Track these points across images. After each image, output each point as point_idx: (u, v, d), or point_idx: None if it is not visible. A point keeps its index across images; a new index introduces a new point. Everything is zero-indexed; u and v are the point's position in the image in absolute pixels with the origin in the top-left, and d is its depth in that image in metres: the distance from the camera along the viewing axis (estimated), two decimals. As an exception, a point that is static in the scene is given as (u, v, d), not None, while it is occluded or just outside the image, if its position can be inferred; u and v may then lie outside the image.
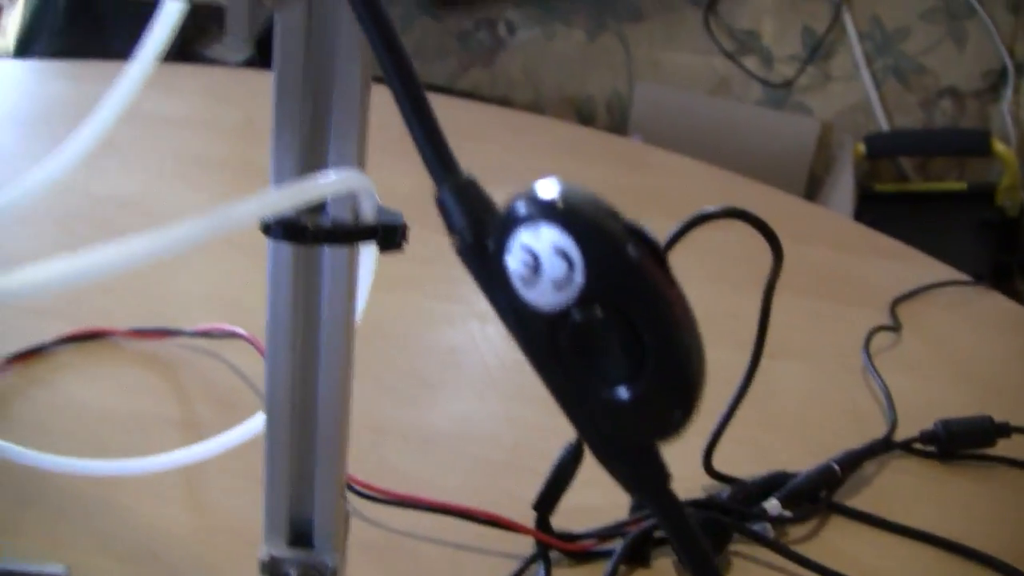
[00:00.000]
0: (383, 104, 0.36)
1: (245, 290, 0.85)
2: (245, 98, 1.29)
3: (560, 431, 0.66)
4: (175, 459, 0.55)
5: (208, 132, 1.15)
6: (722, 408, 0.65)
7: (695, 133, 1.45)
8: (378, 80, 0.33)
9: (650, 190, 1.13)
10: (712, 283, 0.86)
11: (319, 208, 0.39)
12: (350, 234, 0.39)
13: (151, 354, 0.76)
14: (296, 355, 0.41)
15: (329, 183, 0.34)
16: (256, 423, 0.49)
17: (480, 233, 0.28)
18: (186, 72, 1.38)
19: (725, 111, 1.87)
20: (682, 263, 0.35)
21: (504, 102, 1.86)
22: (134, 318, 0.78)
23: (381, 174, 0.40)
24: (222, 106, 1.25)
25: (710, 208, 0.55)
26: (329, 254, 0.40)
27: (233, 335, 0.76)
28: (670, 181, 1.18)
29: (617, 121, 1.94)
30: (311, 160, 0.38)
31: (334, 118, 0.37)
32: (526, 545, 0.61)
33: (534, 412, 0.73)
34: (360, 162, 0.38)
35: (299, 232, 0.38)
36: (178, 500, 0.63)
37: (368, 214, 0.38)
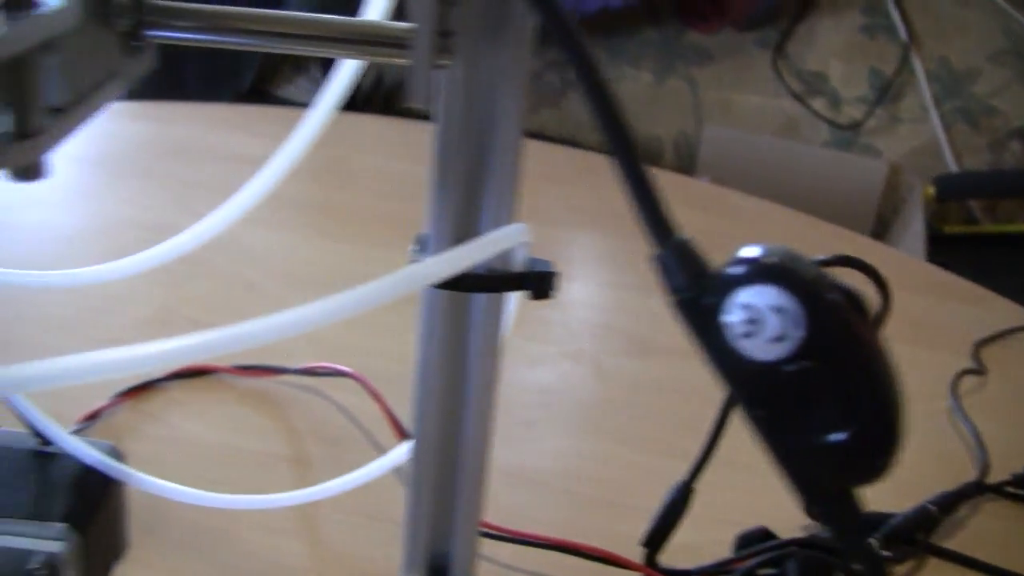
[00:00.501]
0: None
1: (347, 330, 0.87)
2: (323, 139, 1.31)
3: (655, 470, 0.68)
4: (318, 492, 0.57)
5: (291, 171, 1.18)
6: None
7: (763, 175, 1.46)
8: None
9: (723, 231, 1.15)
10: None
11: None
12: (506, 282, 0.40)
13: (257, 391, 0.78)
14: (444, 396, 0.43)
15: (500, 238, 0.35)
16: (397, 456, 0.51)
17: (697, 291, 0.30)
18: (267, 113, 1.41)
19: (792, 153, 1.88)
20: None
21: (572, 143, 1.88)
22: (238, 356, 0.80)
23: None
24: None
25: (822, 256, 0.57)
26: (480, 300, 0.41)
27: (338, 373, 0.78)
28: (743, 223, 1.20)
29: (684, 163, 1.96)
30: (468, 212, 0.40)
31: (492, 173, 0.39)
32: (633, 581, 0.62)
33: (630, 451, 0.75)
34: (515, 214, 0.40)
35: (457, 281, 0.40)
36: (292, 534, 0.65)
37: (519, 262, 0.40)
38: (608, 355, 0.87)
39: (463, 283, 0.40)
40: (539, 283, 0.40)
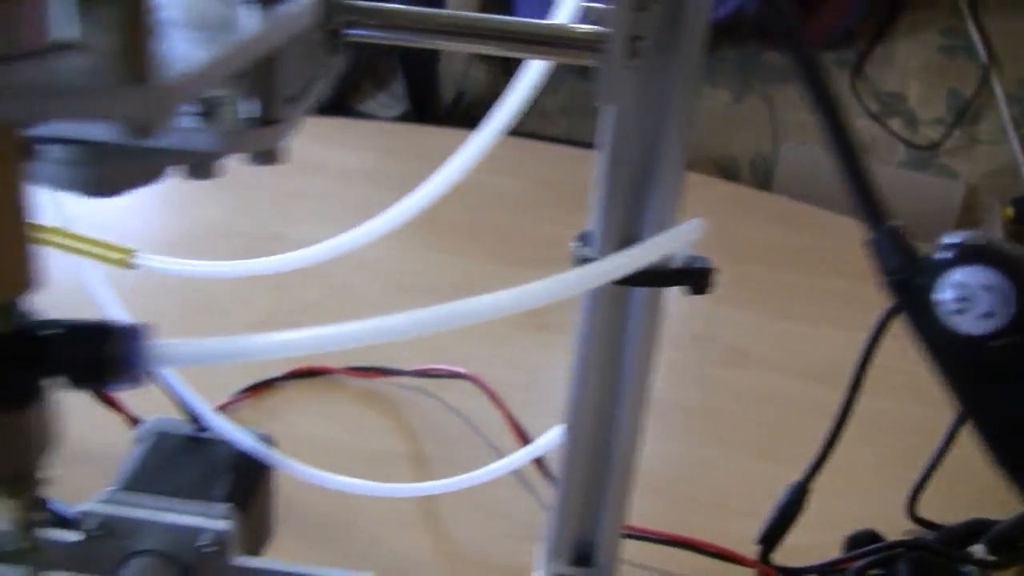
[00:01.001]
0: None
1: (456, 337, 0.90)
2: (410, 151, 1.34)
3: (762, 474, 0.70)
4: (453, 484, 0.60)
5: (384, 183, 1.21)
6: (923, 458, 0.67)
7: (839, 194, 1.47)
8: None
9: (807, 246, 1.17)
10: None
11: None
12: (668, 277, 0.42)
13: (371, 391, 0.80)
14: (599, 388, 0.45)
15: (680, 234, 0.38)
16: (550, 438, 0.52)
17: (910, 272, 0.32)
18: (356, 126, 1.44)
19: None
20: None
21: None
22: (352, 357, 0.82)
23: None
24: (390, 159, 1.30)
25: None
26: (640, 294, 0.43)
27: (454, 375, 0.80)
28: (826, 237, 1.22)
29: (761, 181, 1.98)
30: (637, 208, 0.42)
31: (660, 171, 0.41)
32: (747, 578, 0.64)
33: (736, 457, 0.77)
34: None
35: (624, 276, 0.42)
36: (415, 527, 0.67)
37: (680, 259, 0.42)
38: (709, 365, 0.89)
39: (629, 278, 0.42)
40: (698, 278, 0.42)
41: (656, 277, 0.42)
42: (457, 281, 1.00)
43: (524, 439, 0.71)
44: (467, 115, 1.88)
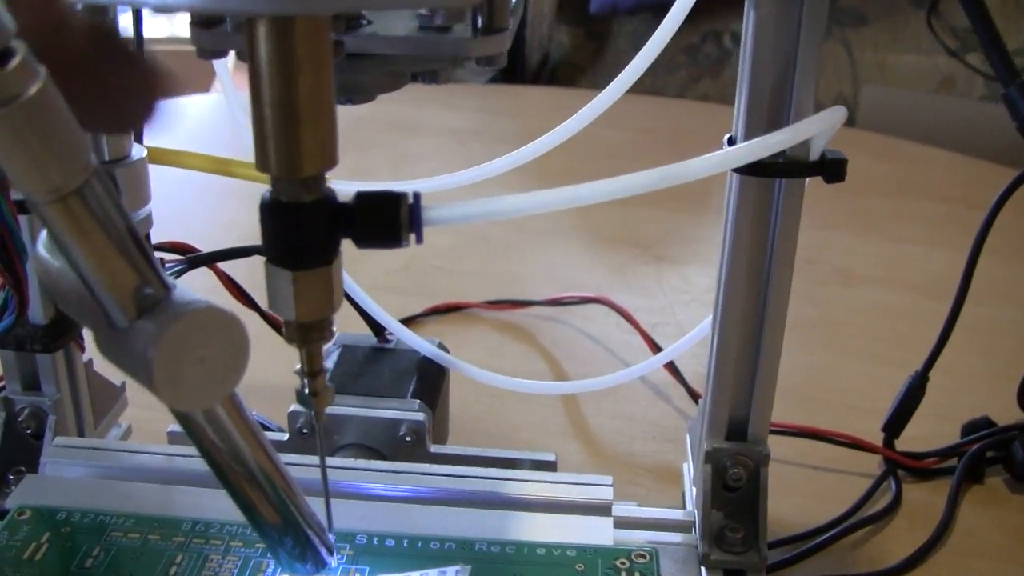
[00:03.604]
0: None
1: (578, 269, 0.96)
2: (509, 109, 1.41)
3: (883, 378, 0.75)
4: (614, 378, 0.66)
5: (491, 139, 1.27)
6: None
7: (922, 131, 1.51)
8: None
9: (899, 176, 1.22)
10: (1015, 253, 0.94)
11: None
12: (803, 169, 0.47)
13: (507, 322, 0.87)
14: (748, 273, 0.50)
15: (825, 119, 0.43)
16: (701, 330, 0.58)
17: None
18: (460, 90, 1.50)
19: (950, 108, 1.91)
20: None
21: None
22: (486, 293, 0.89)
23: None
24: (493, 117, 1.36)
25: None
26: (782, 186, 0.49)
27: (586, 300, 0.86)
28: (916, 167, 1.26)
29: (844, 124, 2.01)
30: (776, 111, 0.47)
31: (797, 77, 0.46)
32: (873, 465, 0.69)
33: (857, 363, 0.82)
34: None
35: (761, 168, 0.47)
36: (567, 434, 0.73)
37: (816, 153, 0.48)
38: (818, 285, 0.94)
39: (769, 169, 0.47)
40: (834, 169, 0.48)
41: (796, 168, 0.47)
42: (575, 221, 1.06)
43: (657, 351, 0.76)
44: (552, 77, 1.93)
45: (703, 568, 0.52)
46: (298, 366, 0.36)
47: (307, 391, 0.36)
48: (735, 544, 0.52)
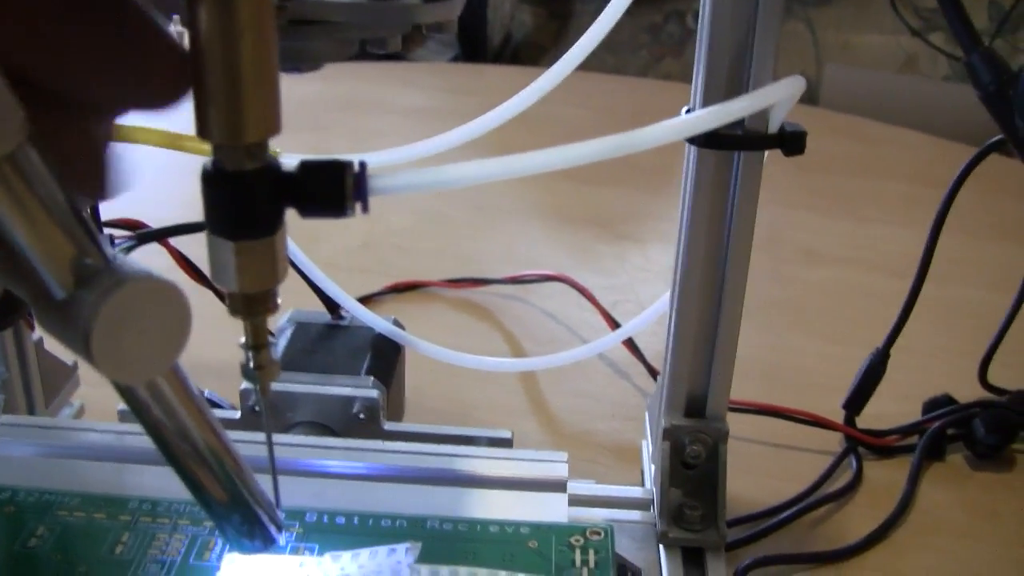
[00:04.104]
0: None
1: (539, 248, 0.95)
2: (470, 88, 1.40)
3: (845, 357, 0.75)
4: (573, 354, 0.65)
5: (452, 118, 1.26)
6: (990, 337, 0.72)
7: (884, 111, 1.51)
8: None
9: (859, 154, 1.22)
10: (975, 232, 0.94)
11: (736, 121, 0.47)
12: (762, 141, 0.47)
13: (467, 301, 0.86)
14: (706, 247, 0.50)
15: (781, 89, 0.42)
16: (660, 306, 0.58)
17: (1001, 84, 0.37)
18: (421, 68, 1.49)
19: (913, 88, 1.92)
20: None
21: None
22: (445, 271, 0.88)
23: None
24: (454, 96, 1.35)
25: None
26: (740, 159, 0.48)
27: (546, 278, 0.85)
28: (877, 146, 1.27)
29: (805, 103, 2.01)
30: (734, 82, 0.46)
31: (756, 47, 0.45)
32: (834, 443, 0.69)
33: (818, 343, 0.82)
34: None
35: (720, 140, 0.47)
36: (525, 412, 0.72)
37: (776, 125, 0.47)
38: (782, 264, 0.94)
39: (727, 141, 0.47)
40: (793, 141, 0.47)
41: (754, 140, 0.47)
42: (535, 199, 1.06)
43: (616, 328, 0.76)
44: (515, 56, 1.92)
45: (661, 546, 0.51)
46: (243, 339, 0.35)
47: (252, 365, 0.35)
48: (694, 522, 0.52)
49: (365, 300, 0.83)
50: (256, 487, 0.39)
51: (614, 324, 0.77)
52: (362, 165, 0.30)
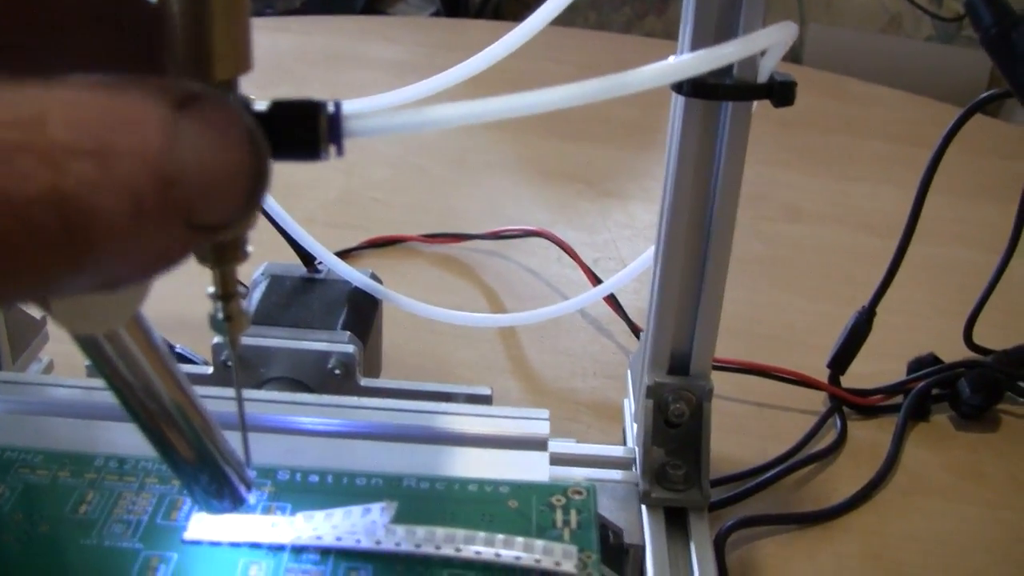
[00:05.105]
0: None
1: (522, 204, 0.94)
2: (450, 43, 1.38)
3: (828, 314, 0.74)
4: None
5: (431, 72, 1.24)
6: (976, 296, 0.71)
7: (867, 71, 1.49)
8: None
9: (841, 112, 1.21)
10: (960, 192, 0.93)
11: (724, 69, 0.45)
12: (751, 91, 0.45)
13: (446, 257, 0.84)
14: (693, 199, 0.48)
15: (772, 34, 0.41)
16: (643, 262, 0.56)
17: (1003, 26, 0.35)
18: (400, 22, 1.47)
19: (896, 48, 1.90)
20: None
21: (677, 48, 1.92)
22: (424, 226, 0.86)
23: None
24: (433, 51, 1.33)
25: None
26: (728, 111, 0.46)
27: (527, 234, 0.84)
28: (860, 104, 1.25)
29: (788, 62, 1.99)
30: (723, 29, 0.45)
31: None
32: (818, 402, 0.68)
33: (801, 300, 0.81)
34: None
35: (708, 89, 0.45)
36: (505, 370, 0.71)
37: (765, 75, 0.45)
38: (765, 221, 0.93)
39: (716, 91, 0.45)
40: (783, 92, 0.46)
41: (743, 90, 0.45)
42: (518, 155, 1.04)
43: (598, 284, 0.74)
44: (497, 12, 1.90)
45: (643, 506, 0.50)
46: (211, 289, 0.33)
47: (220, 316, 0.33)
48: (677, 481, 0.51)
49: (343, 255, 0.82)
50: (225, 445, 0.37)
51: (596, 280, 0.76)
52: (337, 105, 0.29)
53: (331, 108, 0.29)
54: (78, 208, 0.20)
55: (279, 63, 1.23)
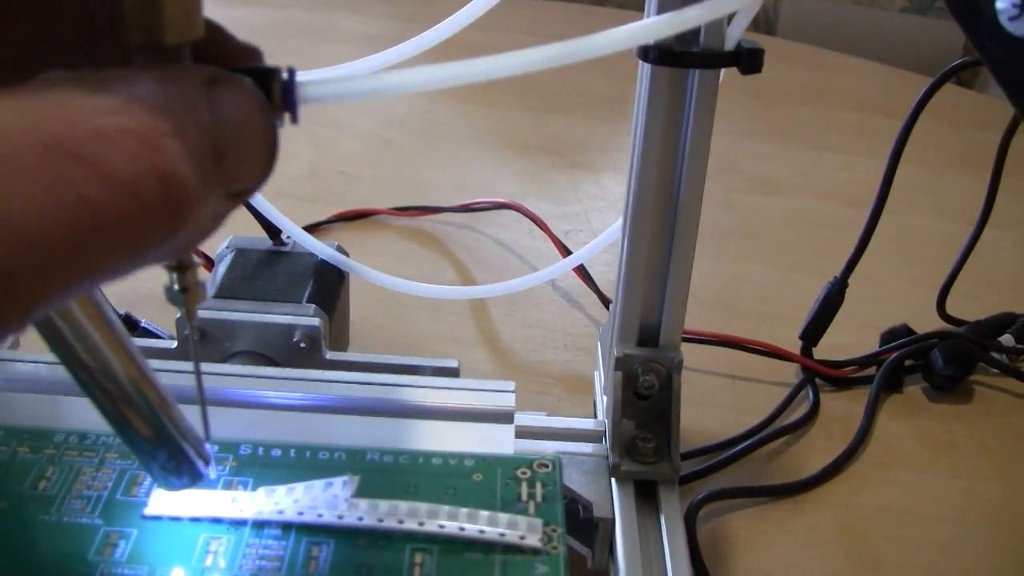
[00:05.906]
0: None
1: (492, 176, 0.93)
2: (430, 18, 1.36)
3: (801, 286, 0.73)
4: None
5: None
6: (948, 267, 0.71)
7: (842, 41, 1.49)
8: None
9: (818, 83, 1.20)
10: (934, 163, 0.92)
11: (691, 37, 0.45)
12: (718, 59, 0.45)
13: (416, 229, 0.84)
14: (660, 168, 0.48)
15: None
16: (611, 233, 0.56)
17: None
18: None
19: (871, 19, 1.90)
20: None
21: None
22: (394, 199, 0.86)
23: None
24: (408, 24, 1.32)
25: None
26: (695, 79, 0.46)
27: (497, 206, 0.83)
28: (835, 75, 1.25)
29: (763, 33, 1.99)
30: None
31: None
32: (790, 374, 0.68)
33: (774, 271, 0.80)
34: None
35: (674, 57, 0.45)
36: (475, 344, 0.70)
37: (732, 42, 0.45)
38: (736, 192, 0.92)
39: (683, 59, 0.45)
40: (750, 59, 0.45)
41: (710, 58, 0.45)
42: (488, 128, 1.03)
43: (568, 255, 0.74)
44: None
45: (613, 479, 0.50)
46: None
47: (176, 287, 0.33)
48: (647, 454, 0.50)
49: (311, 229, 0.81)
50: (182, 421, 0.36)
51: (566, 252, 0.75)
52: (291, 71, 0.28)
53: (284, 75, 0.28)
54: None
55: (252, 37, 1.21)
